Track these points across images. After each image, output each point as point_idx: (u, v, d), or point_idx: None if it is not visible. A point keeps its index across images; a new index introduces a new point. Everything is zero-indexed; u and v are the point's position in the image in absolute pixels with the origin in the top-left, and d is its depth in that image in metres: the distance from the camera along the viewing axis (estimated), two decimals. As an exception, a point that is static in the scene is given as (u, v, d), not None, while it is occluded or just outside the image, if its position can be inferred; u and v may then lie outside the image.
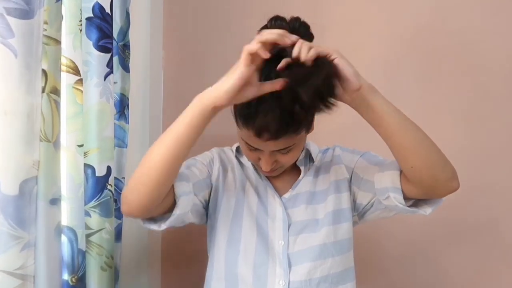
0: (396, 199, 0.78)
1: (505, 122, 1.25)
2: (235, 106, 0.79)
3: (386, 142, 0.74)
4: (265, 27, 0.80)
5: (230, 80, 0.65)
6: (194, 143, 0.70)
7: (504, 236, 1.25)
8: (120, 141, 1.07)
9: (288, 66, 0.66)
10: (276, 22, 0.78)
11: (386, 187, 0.79)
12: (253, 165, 0.90)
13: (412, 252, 1.28)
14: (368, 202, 0.86)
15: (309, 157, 0.93)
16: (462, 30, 1.26)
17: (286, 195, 0.89)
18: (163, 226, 0.77)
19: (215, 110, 0.66)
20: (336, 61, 0.66)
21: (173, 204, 0.75)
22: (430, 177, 0.74)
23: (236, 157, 0.94)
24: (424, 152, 0.72)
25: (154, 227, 0.77)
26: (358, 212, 0.90)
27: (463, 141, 1.27)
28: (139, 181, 0.70)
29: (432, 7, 1.28)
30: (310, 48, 0.64)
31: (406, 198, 0.78)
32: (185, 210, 0.78)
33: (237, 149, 0.95)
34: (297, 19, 0.80)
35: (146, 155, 0.71)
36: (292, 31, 0.77)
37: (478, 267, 1.27)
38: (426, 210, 0.79)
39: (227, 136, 1.00)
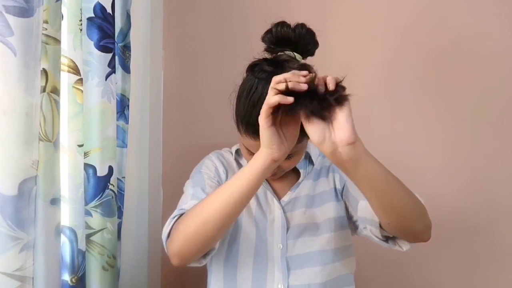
0: (372, 232, 0.78)
1: (505, 122, 1.25)
2: (236, 113, 0.79)
3: (368, 199, 0.71)
4: (269, 31, 0.79)
5: (264, 135, 0.64)
6: (250, 199, 0.70)
7: (500, 239, 1.26)
8: (120, 141, 1.07)
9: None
10: (281, 28, 0.78)
11: (366, 218, 0.79)
12: None
13: (408, 256, 1.28)
14: (356, 221, 0.86)
15: (308, 160, 0.93)
16: (462, 29, 1.27)
17: (285, 198, 0.88)
18: (204, 261, 0.77)
19: (274, 162, 0.65)
20: (343, 107, 0.62)
21: None
22: (403, 231, 0.73)
23: (236, 159, 0.94)
24: (405, 212, 0.69)
25: (195, 264, 0.77)
26: (352, 223, 0.89)
27: (462, 141, 1.27)
28: (194, 234, 0.70)
29: (431, 7, 1.28)
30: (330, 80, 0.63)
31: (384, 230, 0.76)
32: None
33: (237, 152, 0.94)
34: (302, 26, 0.78)
35: (200, 210, 0.70)
36: (298, 38, 0.77)
37: (475, 270, 1.28)
38: (403, 246, 0.78)
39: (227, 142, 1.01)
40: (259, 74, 0.76)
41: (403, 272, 1.29)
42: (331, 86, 0.62)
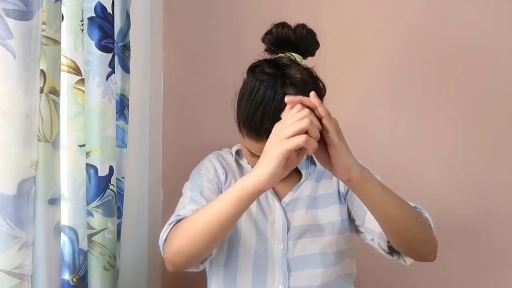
0: (379, 245, 0.79)
1: (505, 121, 1.24)
2: (238, 116, 0.79)
3: (376, 220, 0.73)
4: (269, 32, 0.80)
5: (270, 167, 0.63)
6: (236, 222, 0.71)
7: (500, 241, 1.25)
8: (120, 141, 1.07)
9: None
10: (282, 29, 0.78)
11: (374, 230, 0.80)
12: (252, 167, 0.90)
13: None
14: (359, 226, 0.87)
15: (310, 161, 0.93)
16: (461, 29, 1.27)
17: (286, 199, 0.88)
18: (202, 267, 0.79)
19: (260, 192, 0.66)
20: (333, 149, 0.64)
21: None
22: (409, 251, 0.76)
23: (236, 160, 0.94)
24: (412, 235, 0.72)
25: (192, 269, 0.78)
26: (353, 225, 0.90)
27: (461, 141, 1.27)
28: (183, 249, 0.71)
29: (430, 6, 1.28)
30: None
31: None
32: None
33: (237, 152, 0.94)
34: (303, 26, 0.78)
35: (187, 227, 0.72)
36: (298, 38, 0.77)
37: (475, 272, 1.27)
38: (407, 261, 0.79)
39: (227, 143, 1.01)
40: (260, 76, 0.76)
41: (403, 274, 1.29)
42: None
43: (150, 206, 1.26)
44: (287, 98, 0.64)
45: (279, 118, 0.66)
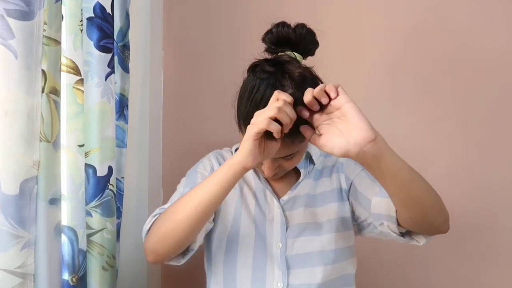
0: (390, 227, 0.78)
1: (504, 121, 1.25)
2: (238, 114, 0.79)
3: (390, 195, 0.71)
4: (269, 32, 0.80)
5: (245, 147, 0.67)
6: (221, 203, 0.73)
7: (501, 240, 1.25)
8: (120, 141, 1.08)
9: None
10: (282, 29, 0.78)
11: (381, 214, 0.78)
12: None
13: (409, 257, 1.28)
14: (365, 220, 0.86)
15: (309, 160, 0.93)
16: (461, 29, 1.27)
17: (285, 197, 0.88)
18: (183, 261, 0.79)
19: (245, 170, 0.69)
20: (348, 106, 0.64)
21: None
22: (424, 224, 0.74)
23: None
24: (427, 205, 0.70)
25: (173, 263, 0.79)
26: (357, 224, 0.90)
27: (461, 141, 1.27)
28: (167, 234, 0.73)
29: (430, 6, 1.28)
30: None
31: (400, 225, 0.77)
32: (201, 239, 0.81)
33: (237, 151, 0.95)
34: (303, 26, 0.78)
35: (172, 211, 0.73)
36: (298, 38, 0.78)
37: (475, 271, 1.27)
38: (420, 241, 0.78)
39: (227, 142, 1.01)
40: (260, 74, 0.76)
41: (404, 272, 1.29)
42: (332, 95, 0.64)
43: (150, 206, 1.26)
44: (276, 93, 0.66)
45: None
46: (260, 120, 0.64)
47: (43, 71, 0.75)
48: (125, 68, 1.08)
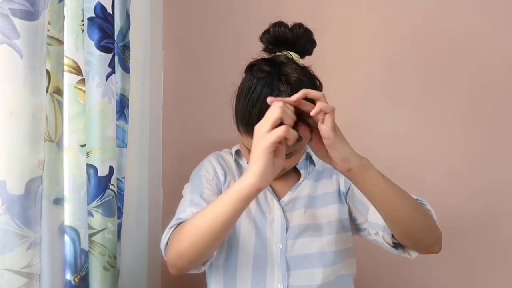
0: (384, 238, 0.80)
1: (504, 121, 1.26)
2: (236, 113, 0.80)
3: (378, 211, 0.74)
4: (267, 31, 0.80)
5: (259, 165, 0.64)
6: (235, 222, 0.72)
7: (501, 241, 1.26)
8: (120, 141, 1.07)
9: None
10: (279, 28, 0.78)
11: (378, 223, 0.80)
12: None
13: (409, 259, 1.28)
14: (361, 224, 0.87)
15: (310, 160, 0.94)
16: (461, 30, 1.28)
17: (285, 198, 0.89)
18: (203, 268, 0.79)
19: (257, 192, 0.66)
20: (328, 143, 0.65)
21: None
22: (412, 243, 0.76)
23: (236, 160, 0.94)
24: (414, 226, 0.72)
25: (194, 271, 0.79)
26: (354, 225, 0.91)
27: (461, 141, 1.28)
28: (184, 253, 0.72)
29: (429, 6, 1.29)
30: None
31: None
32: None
33: (237, 152, 0.95)
34: (300, 25, 0.79)
35: (188, 230, 0.72)
36: (295, 37, 0.78)
37: (475, 272, 1.28)
38: (412, 254, 0.80)
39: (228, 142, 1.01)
40: (257, 73, 0.77)
41: (403, 274, 1.30)
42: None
43: (150, 206, 1.26)
44: (269, 99, 0.65)
45: None
46: (274, 129, 0.63)
47: (47, 71, 0.75)
48: (126, 68, 1.08)
